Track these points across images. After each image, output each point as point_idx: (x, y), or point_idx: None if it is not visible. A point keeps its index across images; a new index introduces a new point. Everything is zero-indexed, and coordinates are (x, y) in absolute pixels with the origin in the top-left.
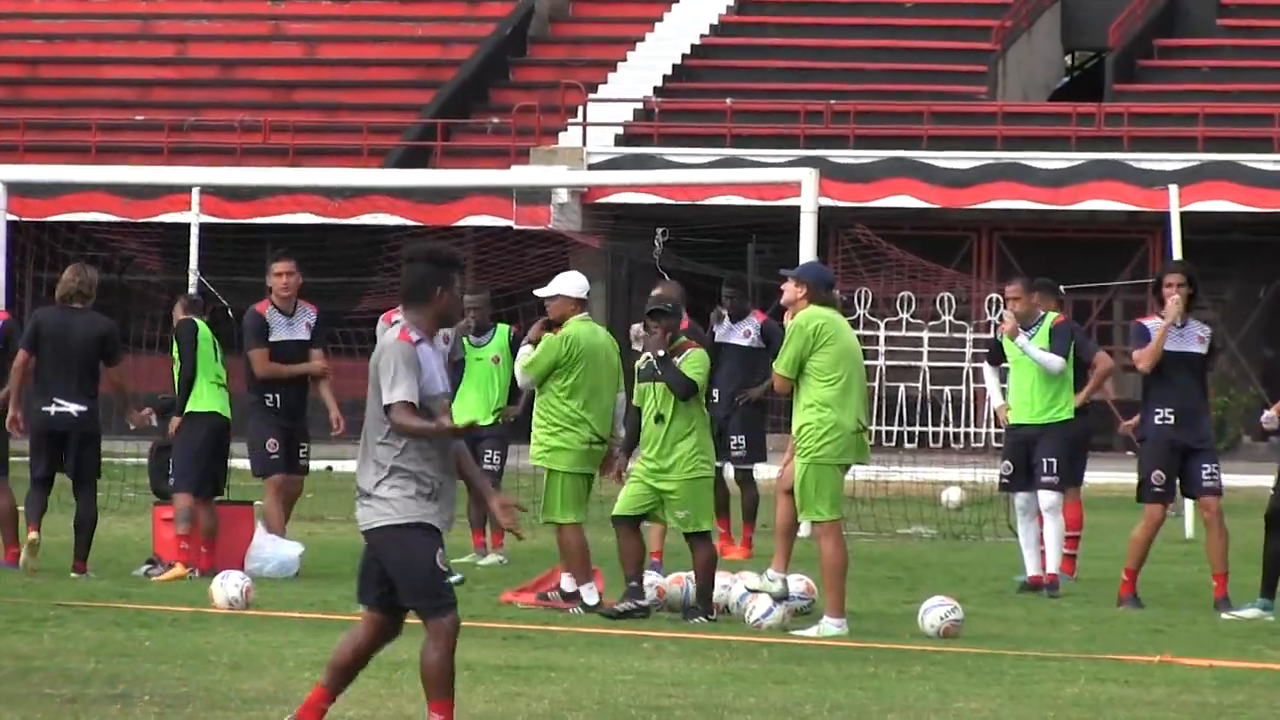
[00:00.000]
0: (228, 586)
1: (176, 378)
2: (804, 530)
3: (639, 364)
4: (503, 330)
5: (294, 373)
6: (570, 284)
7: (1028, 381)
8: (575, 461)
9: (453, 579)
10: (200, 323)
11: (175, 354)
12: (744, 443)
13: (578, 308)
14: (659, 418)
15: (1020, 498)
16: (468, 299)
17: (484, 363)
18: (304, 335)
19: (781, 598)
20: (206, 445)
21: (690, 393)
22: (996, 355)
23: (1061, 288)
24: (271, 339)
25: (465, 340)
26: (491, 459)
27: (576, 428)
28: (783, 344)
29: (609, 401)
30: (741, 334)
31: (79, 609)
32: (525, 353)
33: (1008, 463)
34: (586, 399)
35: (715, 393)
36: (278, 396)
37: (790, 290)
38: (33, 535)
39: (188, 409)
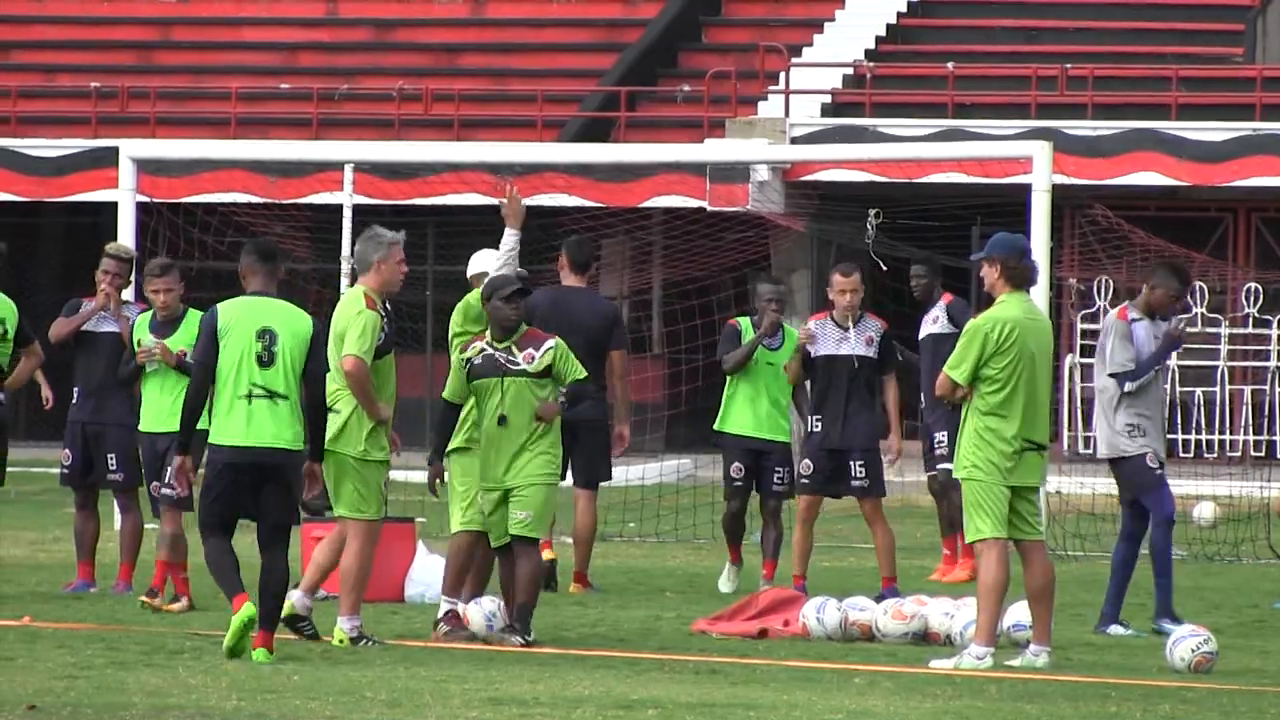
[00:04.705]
0: (485, 603)
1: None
2: None
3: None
4: (792, 334)
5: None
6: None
7: None
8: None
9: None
10: None
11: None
12: (946, 439)
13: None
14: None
15: None
16: (765, 289)
17: (775, 368)
18: None
19: None
20: None
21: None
22: None
23: None
24: None
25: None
26: (781, 478)
27: None
28: (959, 344)
29: None
30: (930, 320)
31: (218, 639)
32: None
33: None
34: None
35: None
36: None
37: (987, 273)
38: None
39: None
